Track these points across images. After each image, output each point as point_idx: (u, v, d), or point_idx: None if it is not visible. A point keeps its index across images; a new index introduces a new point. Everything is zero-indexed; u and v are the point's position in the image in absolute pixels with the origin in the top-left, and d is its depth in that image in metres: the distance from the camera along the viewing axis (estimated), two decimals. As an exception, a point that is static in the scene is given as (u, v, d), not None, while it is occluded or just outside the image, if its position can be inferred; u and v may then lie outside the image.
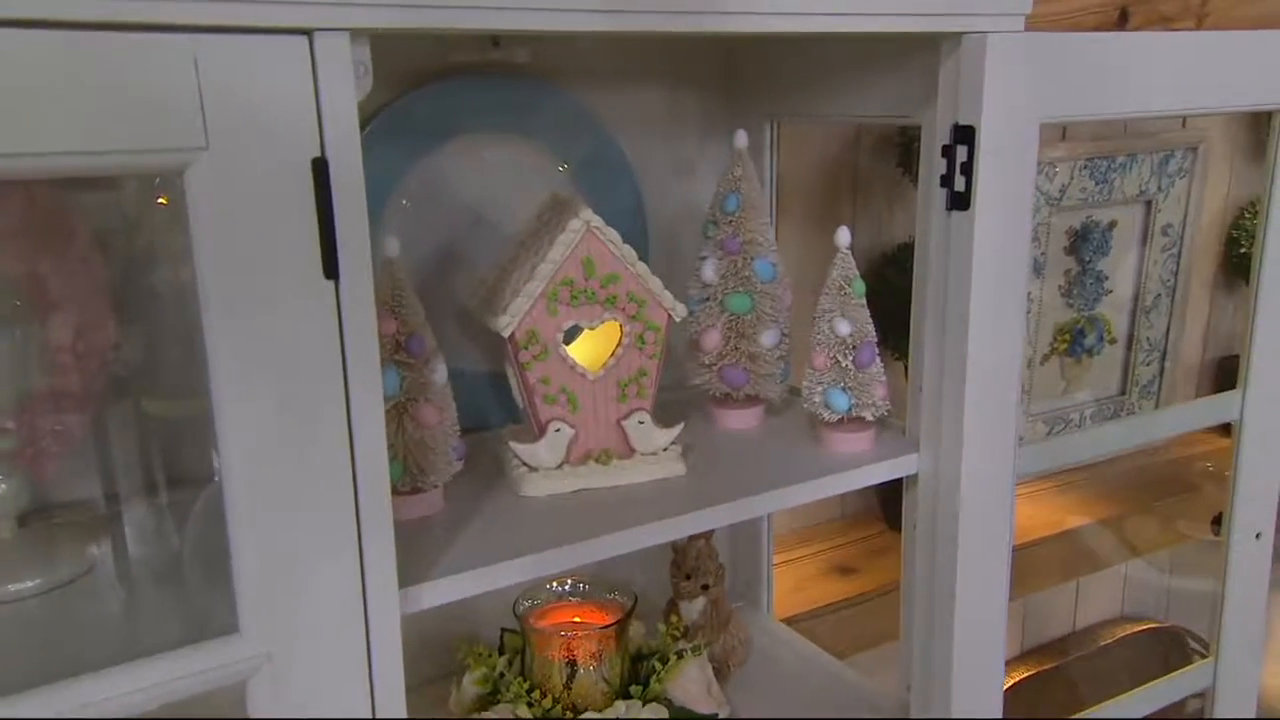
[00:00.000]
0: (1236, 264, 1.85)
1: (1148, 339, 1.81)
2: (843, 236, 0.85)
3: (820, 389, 0.87)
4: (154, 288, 0.78)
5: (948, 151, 0.77)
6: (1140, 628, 1.92)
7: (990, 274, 0.78)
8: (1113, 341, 1.76)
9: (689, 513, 0.77)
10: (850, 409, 0.86)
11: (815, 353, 0.87)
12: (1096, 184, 1.65)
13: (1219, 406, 0.99)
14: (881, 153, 1.34)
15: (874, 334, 0.86)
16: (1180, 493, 1.73)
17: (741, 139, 0.90)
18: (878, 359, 0.86)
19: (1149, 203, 1.73)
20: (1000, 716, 0.89)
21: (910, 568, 0.90)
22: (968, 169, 0.76)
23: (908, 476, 0.88)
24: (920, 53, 0.79)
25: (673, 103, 1.03)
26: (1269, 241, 0.94)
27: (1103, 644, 1.88)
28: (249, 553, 0.57)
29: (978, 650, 0.86)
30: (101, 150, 0.49)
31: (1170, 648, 1.94)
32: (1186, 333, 1.85)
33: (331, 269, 0.55)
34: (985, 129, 0.74)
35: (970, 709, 0.87)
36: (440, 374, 0.75)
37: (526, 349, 0.78)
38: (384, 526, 0.61)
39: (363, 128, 0.56)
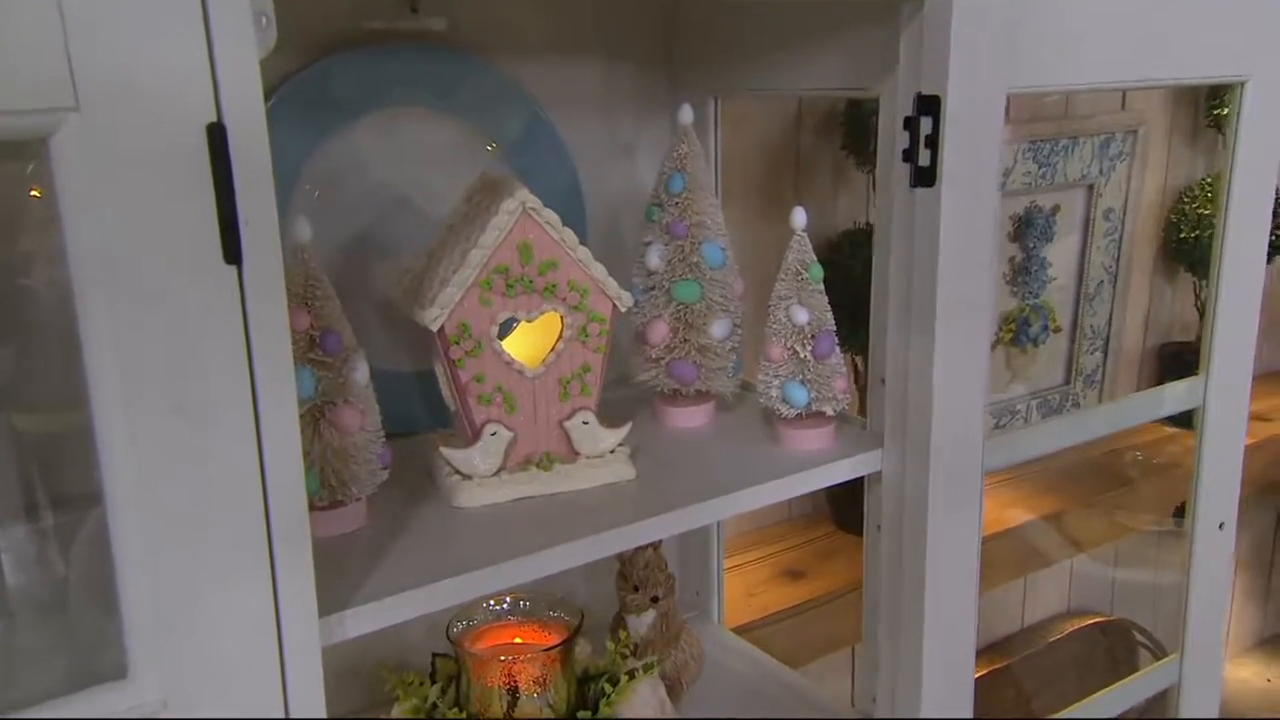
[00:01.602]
0: (1176, 249, 1.87)
1: (1090, 327, 1.83)
2: (798, 218, 0.82)
3: (777, 382, 0.83)
4: (28, 288, 0.70)
5: (910, 124, 0.74)
6: (1088, 622, 1.94)
7: (957, 254, 0.75)
8: (1057, 330, 1.77)
9: (640, 521, 0.72)
10: (809, 403, 0.82)
11: (771, 343, 0.83)
12: (1040, 167, 1.65)
13: (1181, 394, 0.98)
14: (824, 133, 1.31)
15: (833, 322, 0.83)
16: (1121, 485, 1.74)
17: (687, 114, 0.86)
18: (837, 349, 0.83)
19: (1090, 186, 1.74)
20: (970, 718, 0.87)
21: (874, 571, 0.87)
22: (933, 142, 0.72)
23: (870, 475, 0.84)
24: (877, 18, 0.76)
25: (608, 76, 0.98)
26: (1229, 222, 0.93)
27: (1051, 640, 1.89)
28: (139, 582, 0.51)
29: (948, 653, 0.83)
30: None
31: (1117, 642, 1.97)
32: (1128, 320, 1.87)
33: (233, 252, 0.49)
34: (951, 99, 0.71)
35: (942, 714, 0.84)
36: (361, 373, 0.69)
37: (458, 344, 0.73)
38: (300, 547, 0.55)
39: (266, 98, 0.50)
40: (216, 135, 0.48)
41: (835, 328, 0.83)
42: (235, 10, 0.48)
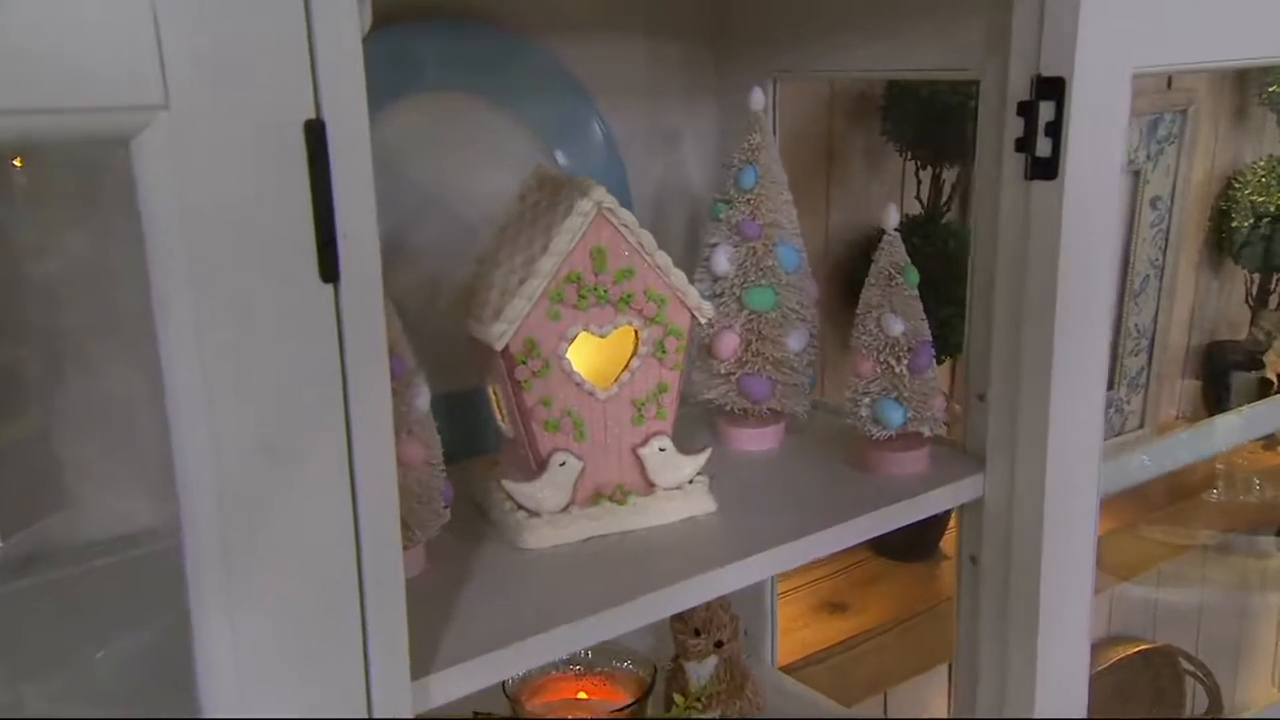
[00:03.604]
0: (1225, 239, 1.90)
1: (1135, 325, 1.85)
2: (891, 217, 0.81)
3: (867, 400, 0.82)
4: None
5: (1026, 109, 0.73)
6: (1131, 650, 1.96)
7: (1080, 254, 0.75)
8: (1099, 330, 1.79)
9: (733, 563, 0.71)
10: (905, 423, 0.81)
11: (861, 357, 0.82)
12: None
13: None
14: (858, 117, 1.31)
15: (929, 333, 0.82)
16: (1161, 505, 1.77)
17: (759, 99, 0.85)
18: (935, 363, 0.82)
19: (1137, 173, 1.76)
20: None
21: (971, 610, 0.86)
22: (1055, 130, 0.72)
23: (968, 502, 0.84)
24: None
25: (652, 56, 0.97)
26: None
27: (1096, 670, 1.91)
28: (218, 641, 0.48)
29: (1062, 702, 0.83)
30: (22, 109, 0.40)
31: (1162, 670, 1.99)
32: (1174, 317, 1.90)
33: (330, 269, 0.47)
34: (1078, 81, 0.71)
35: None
36: (423, 400, 0.67)
37: (524, 364, 0.71)
38: (394, 604, 0.53)
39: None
40: (315, 134, 0.46)
41: (932, 339, 0.82)
42: (338, -12, 0.46)
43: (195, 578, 0.48)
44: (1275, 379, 1.81)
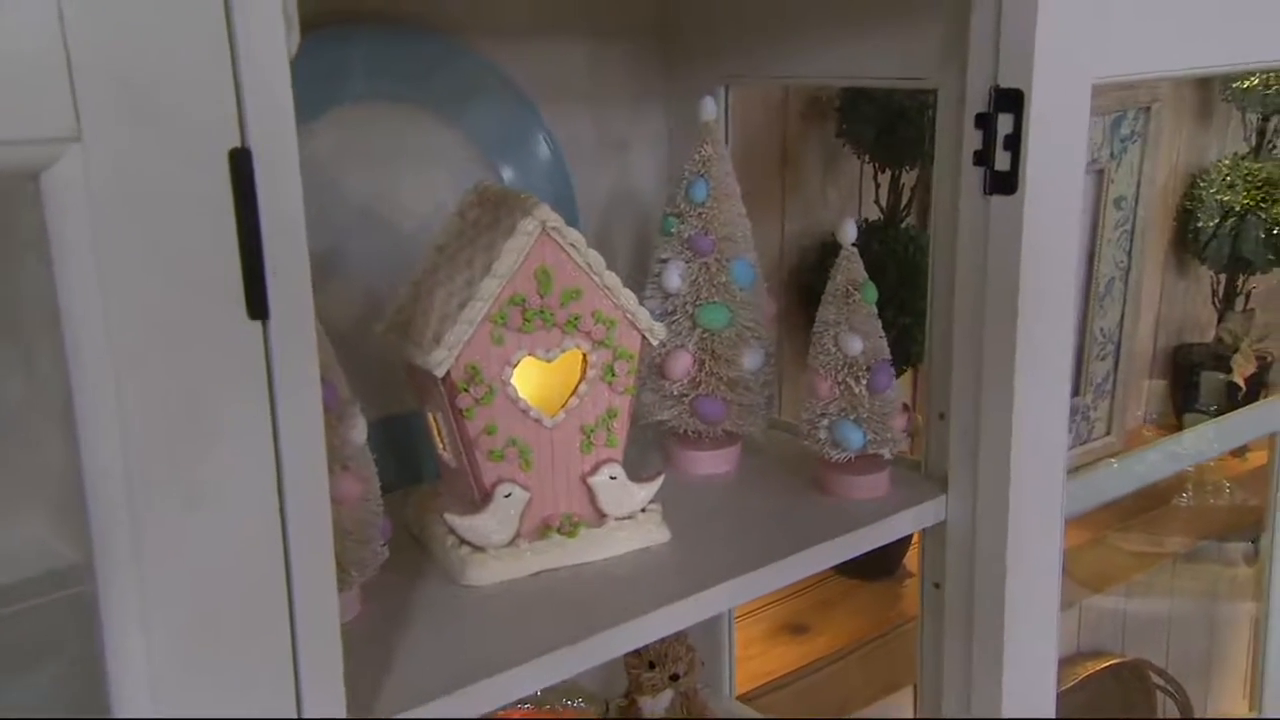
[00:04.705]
0: (1190, 240, 1.94)
1: (1101, 329, 1.88)
2: (848, 231, 0.82)
3: (826, 422, 0.83)
4: None
5: (985, 122, 0.75)
6: (1101, 665, 2.00)
7: (1041, 270, 0.76)
8: (1065, 335, 1.81)
9: (689, 596, 0.72)
10: (865, 445, 0.82)
11: (818, 377, 0.83)
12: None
13: (1261, 418, 1.02)
14: (816, 118, 1.32)
15: (888, 351, 0.83)
16: (1140, 512, 1.80)
17: (710, 108, 0.85)
18: (895, 382, 0.83)
19: (1101, 172, 1.79)
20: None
21: (934, 634, 0.88)
22: (1014, 143, 0.73)
23: (931, 526, 0.85)
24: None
25: (598, 61, 0.97)
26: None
27: (1065, 687, 1.94)
28: (138, 700, 0.48)
29: (1028, 730, 0.84)
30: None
31: (1133, 686, 2.03)
32: (1140, 321, 1.93)
33: (259, 305, 0.47)
34: (1037, 93, 0.72)
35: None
36: (358, 432, 0.67)
37: (466, 391, 0.71)
38: (330, 658, 0.53)
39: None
40: (241, 164, 0.46)
41: (891, 357, 0.83)
42: (262, 7, 0.45)
43: (111, 631, 0.48)
44: (1242, 383, 1.85)
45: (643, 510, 0.78)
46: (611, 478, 0.76)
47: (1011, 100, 0.73)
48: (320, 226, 0.83)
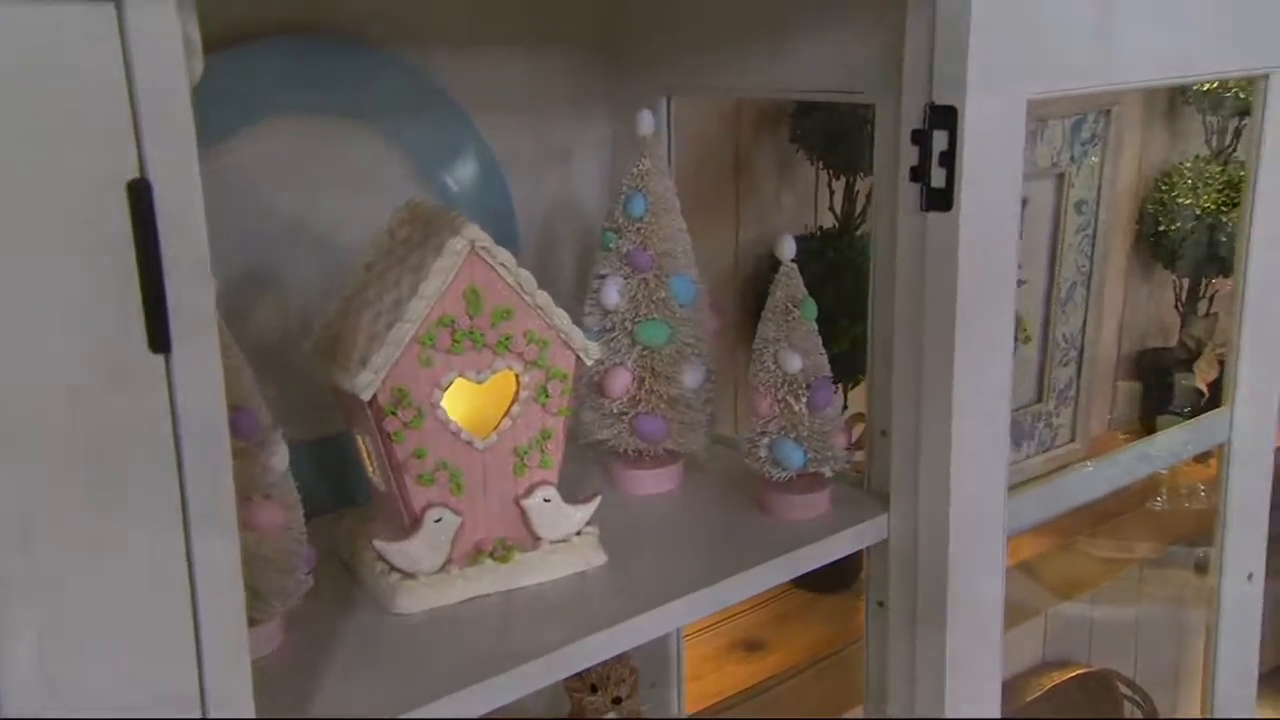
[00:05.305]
0: (1153, 244, 1.96)
1: (1063, 335, 1.90)
2: (787, 248, 0.83)
3: (766, 440, 0.84)
4: None
5: (920, 139, 0.76)
6: (1068, 675, 2.02)
7: (978, 287, 0.77)
8: (1027, 340, 1.84)
9: (626, 621, 0.72)
10: (806, 464, 0.83)
11: (758, 395, 0.84)
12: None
13: (1206, 429, 1.03)
14: (769, 123, 1.33)
15: (828, 367, 0.84)
16: (1108, 517, 1.82)
17: (647, 122, 0.86)
18: (835, 399, 0.84)
19: (1061, 175, 1.81)
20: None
21: (879, 652, 0.89)
22: (949, 160, 0.75)
23: (873, 545, 0.86)
24: (876, 14, 0.78)
25: (536, 70, 0.98)
26: (1254, 230, 0.99)
27: (1031, 698, 1.96)
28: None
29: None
30: None
31: (1100, 696, 2.05)
32: (1103, 325, 1.95)
33: (161, 339, 0.47)
34: (970, 110, 0.73)
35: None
36: (280, 459, 0.67)
37: (394, 414, 0.71)
38: (239, 686, 0.53)
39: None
40: (140, 196, 0.46)
41: (832, 374, 0.84)
42: (162, 38, 0.46)
43: (8, 659, 0.47)
44: (1205, 389, 1.88)
45: (578, 533, 0.78)
46: (546, 500, 0.77)
47: (946, 117, 0.74)
48: (250, 242, 0.84)
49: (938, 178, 0.75)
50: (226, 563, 0.51)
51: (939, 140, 0.75)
